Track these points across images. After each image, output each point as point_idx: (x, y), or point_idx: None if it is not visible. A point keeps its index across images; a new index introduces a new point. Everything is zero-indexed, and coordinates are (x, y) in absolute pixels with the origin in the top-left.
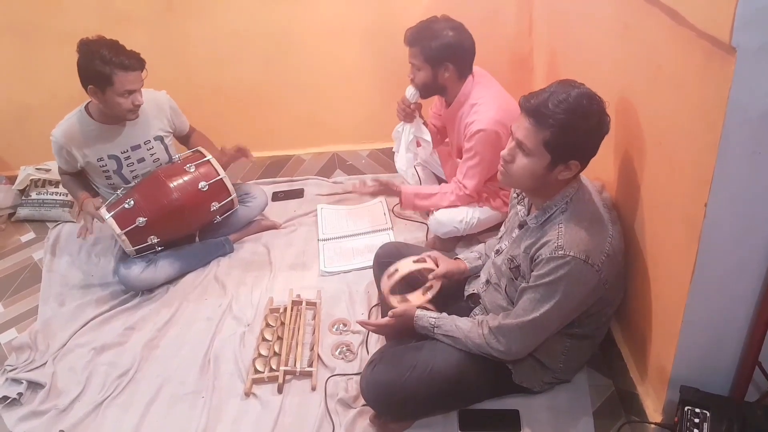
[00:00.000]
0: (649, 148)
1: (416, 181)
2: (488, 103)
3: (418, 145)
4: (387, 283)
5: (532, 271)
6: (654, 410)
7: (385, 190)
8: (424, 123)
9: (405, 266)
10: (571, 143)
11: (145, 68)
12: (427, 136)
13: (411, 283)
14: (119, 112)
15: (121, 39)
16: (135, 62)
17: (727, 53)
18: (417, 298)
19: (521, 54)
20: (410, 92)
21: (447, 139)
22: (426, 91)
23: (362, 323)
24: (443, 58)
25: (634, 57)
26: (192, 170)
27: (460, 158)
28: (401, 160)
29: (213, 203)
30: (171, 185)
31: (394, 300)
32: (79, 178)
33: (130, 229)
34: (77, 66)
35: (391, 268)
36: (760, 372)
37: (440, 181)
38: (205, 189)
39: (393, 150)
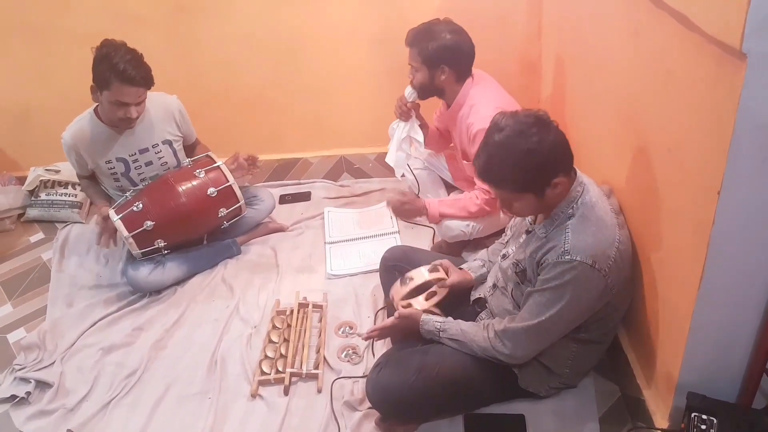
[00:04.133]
0: (658, 153)
1: (412, 181)
2: (486, 103)
3: (412, 144)
4: (400, 291)
5: (538, 275)
6: (660, 416)
7: (413, 209)
8: (421, 125)
9: (420, 276)
10: (536, 177)
11: (150, 88)
12: (420, 137)
13: (418, 289)
14: (112, 118)
15: (131, 40)
16: (140, 79)
17: (737, 59)
18: (420, 303)
19: (530, 58)
20: (408, 91)
21: (452, 144)
22: (423, 92)
23: (368, 335)
24: (440, 60)
25: (645, 62)
26: (201, 176)
27: (466, 160)
28: (391, 157)
29: (221, 209)
30: (180, 190)
31: (400, 306)
32: (97, 182)
33: (137, 233)
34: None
35: (406, 277)
36: None
37: (446, 184)
38: (213, 195)
39: (389, 146)
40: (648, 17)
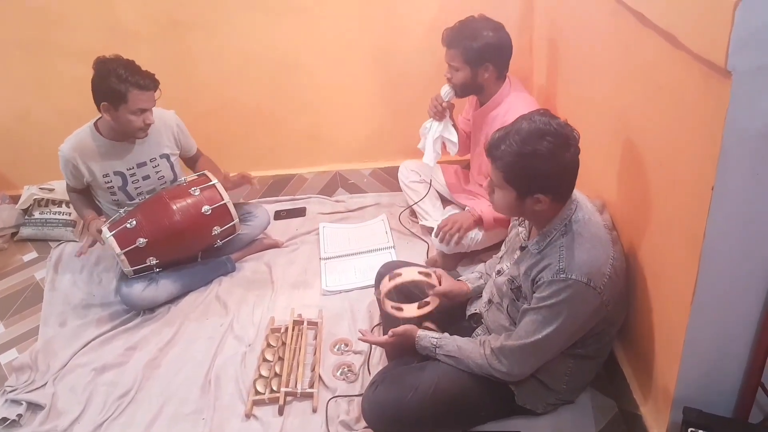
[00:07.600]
0: (650, 167)
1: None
2: (523, 108)
3: (444, 147)
4: (387, 285)
5: (534, 293)
6: (658, 431)
7: (467, 225)
8: (454, 125)
9: (409, 273)
10: (527, 180)
11: (159, 89)
12: (454, 137)
13: (409, 295)
14: (130, 130)
15: (126, 56)
16: (150, 82)
17: (723, 76)
18: (411, 310)
19: (522, 73)
20: (445, 90)
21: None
22: (463, 90)
23: (364, 336)
24: (484, 58)
25: (634, 77)
26: (197, 194)
27: None
28: (429, 157)
29: (215, 227)
30: (174, 207)
31: (388, 305)
32: (86, 196)
33: (129, 250)
34: (91, 83)
35: (395, 272)
36: (764, 393)
37: (442, 198)
38: (208, 213)
39: (418, 146)
40: (636, 35)
